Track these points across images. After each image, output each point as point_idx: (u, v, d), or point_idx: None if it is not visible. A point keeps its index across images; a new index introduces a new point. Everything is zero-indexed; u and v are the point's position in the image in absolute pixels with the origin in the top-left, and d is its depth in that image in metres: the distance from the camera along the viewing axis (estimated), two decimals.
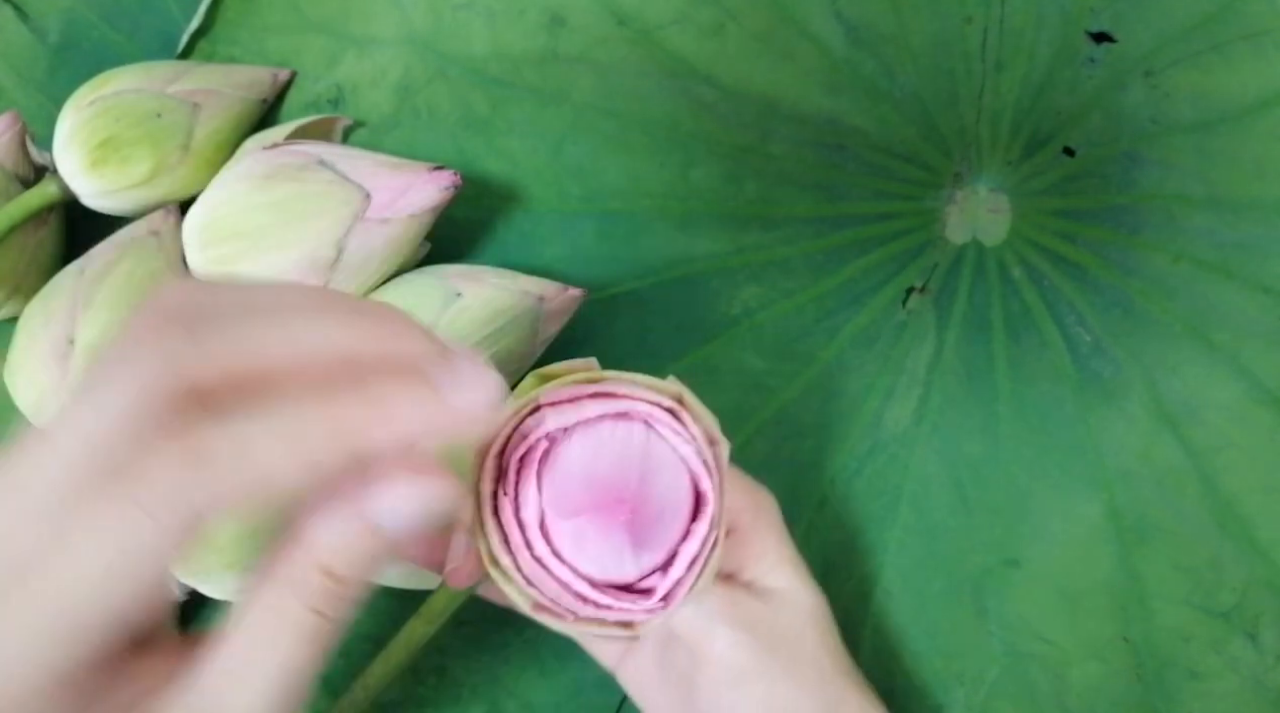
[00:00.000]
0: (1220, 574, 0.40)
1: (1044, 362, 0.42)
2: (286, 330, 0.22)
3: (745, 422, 0.42)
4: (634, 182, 0.43)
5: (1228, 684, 0.39)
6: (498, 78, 0.44)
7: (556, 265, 0.43)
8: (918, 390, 0.42)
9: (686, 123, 0.44)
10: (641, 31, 0.44)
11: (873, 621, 0.41)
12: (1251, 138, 0.42)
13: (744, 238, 0.43)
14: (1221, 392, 0.41)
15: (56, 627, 0.21)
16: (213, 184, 0.39)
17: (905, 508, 0.41)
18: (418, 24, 0.44)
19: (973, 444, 0.41)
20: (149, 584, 0.21)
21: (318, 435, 0.22)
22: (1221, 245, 0.42)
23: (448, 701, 0.40)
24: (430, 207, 0.39)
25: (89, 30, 0.45)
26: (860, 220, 0.43)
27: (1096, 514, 0.41)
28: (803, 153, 0.44)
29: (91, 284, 0.38)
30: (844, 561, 0.41)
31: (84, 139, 0.39)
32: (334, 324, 0.23)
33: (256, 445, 0.21)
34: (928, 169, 0.43)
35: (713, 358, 0.42)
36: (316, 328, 0.23)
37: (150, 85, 0.40)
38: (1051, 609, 0.40)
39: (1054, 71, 0.43)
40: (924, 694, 0.40)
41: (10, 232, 0.39)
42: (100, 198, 0.40)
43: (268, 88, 0.43)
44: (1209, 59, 0.43)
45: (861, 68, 0.44)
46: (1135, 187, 0.43)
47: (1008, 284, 0.42)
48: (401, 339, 0.24)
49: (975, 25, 0.44)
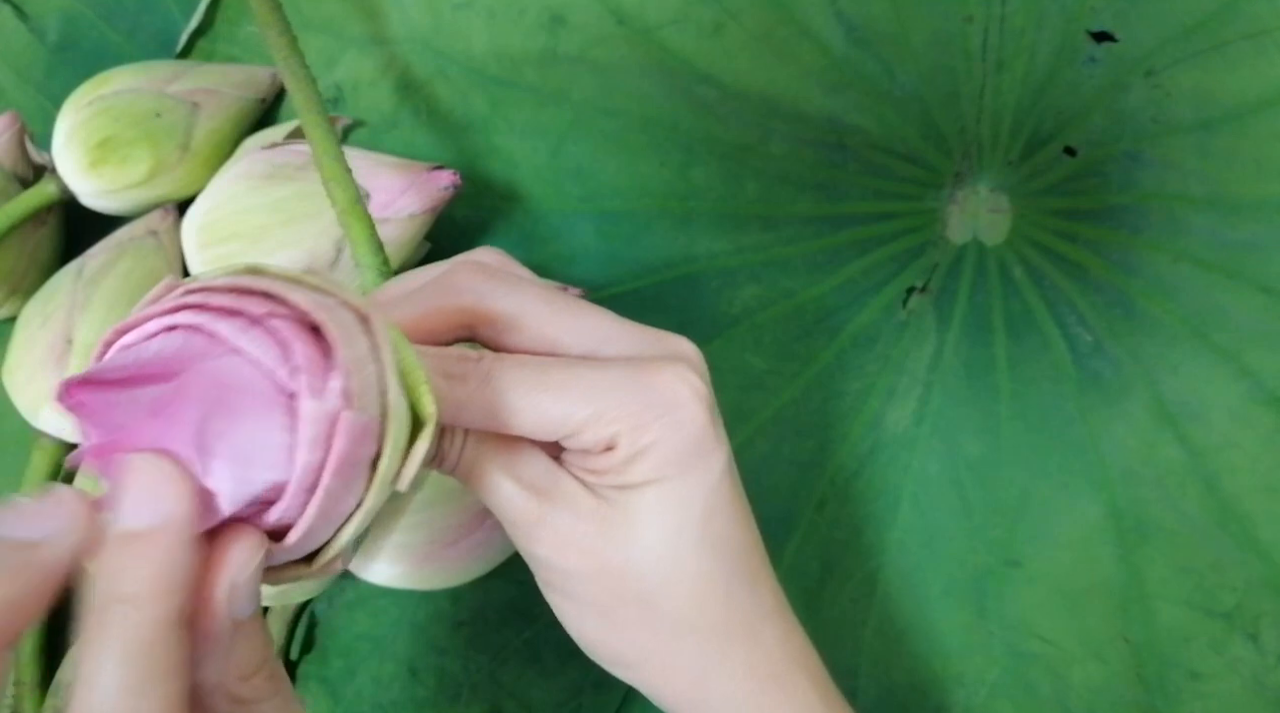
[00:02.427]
0: (1221, 575, 0.40)
1: (1045, 362, 0.42)
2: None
3: (745, 422, 0.42)
4: (634, 181, 0.43)
5: (1228, 685, 0.39)
6: (497, 77, 0.44)
7: (556, 265, 0.43)
8: (918, 391, 0.42)
9: (686, 123, 0.44)
10: (641, 31, 0.44)
11: (873, 621, 0.41)
12: (1253, 137, 0.42)
13: (744, 238, 0.43)
14: (1222, 392, 0.41)
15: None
16: (212, 184, 0.39)
17: (906, 508, 0.41)
18: (417, 24, 0.44)
19: (973, 444, 0.41)
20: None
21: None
22: (1223, 245, 0.42)
23: (447, 701, 0.40)
24: (430, 206, 0.39)
25: (88, 30, 0.45)
26: (860, 220, 0.43)
27: (1097, 514, 0.40)
28: (803, 153, 0.43)
29: (90, 284, 0.38)
30: (844, 561, 0.41)
31: (83, 139, 0.39)
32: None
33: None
34: (928, 169, 0.43)
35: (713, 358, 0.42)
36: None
37: (149, 85, 0.40)
38: (1052, 610, 0.40)
39: (1055, 71, 0.43)
40: (924, 695, 0.40)
41: (9, 231, 0.39)
42: (99, 198, 0.40)
43: (267, 87, 0.43)
44: (1210, 59, 0.43)
45: (862, 67, 0.44)
46: (1136, 186, 0.42)
47: (1008, 284, 0.42)
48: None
49: (976, 24, 0.44)
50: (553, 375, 0.26)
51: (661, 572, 0.27)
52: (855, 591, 0.41)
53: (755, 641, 0.28)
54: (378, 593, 0.41)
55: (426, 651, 0.40)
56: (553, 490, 0.27)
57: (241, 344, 0.22)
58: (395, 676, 0.40)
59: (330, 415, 0.22)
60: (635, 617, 0.28)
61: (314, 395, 0.21)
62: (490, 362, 0.26)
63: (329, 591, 0.40)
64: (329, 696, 0.40)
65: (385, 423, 0.23)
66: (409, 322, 0.27)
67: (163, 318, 0.22)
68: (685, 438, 0.27)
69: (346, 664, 0.40)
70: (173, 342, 0.22)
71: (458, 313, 0.27)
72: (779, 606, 0.29)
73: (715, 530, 0.28)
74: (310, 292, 0.23)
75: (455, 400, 0.26)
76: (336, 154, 0.35)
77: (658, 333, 0.29)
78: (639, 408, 0.26)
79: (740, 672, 0.28)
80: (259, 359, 0.22)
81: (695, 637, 0.28)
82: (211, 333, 0.22)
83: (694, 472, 0.27)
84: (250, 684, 0.23)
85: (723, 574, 0.28)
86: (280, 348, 0.22)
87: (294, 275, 0.23)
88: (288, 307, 0.22)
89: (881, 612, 0.41)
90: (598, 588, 0.28)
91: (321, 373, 0.22)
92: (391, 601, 0.41)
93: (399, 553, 0.37)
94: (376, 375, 0.23)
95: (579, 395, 0.26)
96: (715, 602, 0.28)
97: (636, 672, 0.29)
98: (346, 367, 0.22)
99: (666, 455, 0.27)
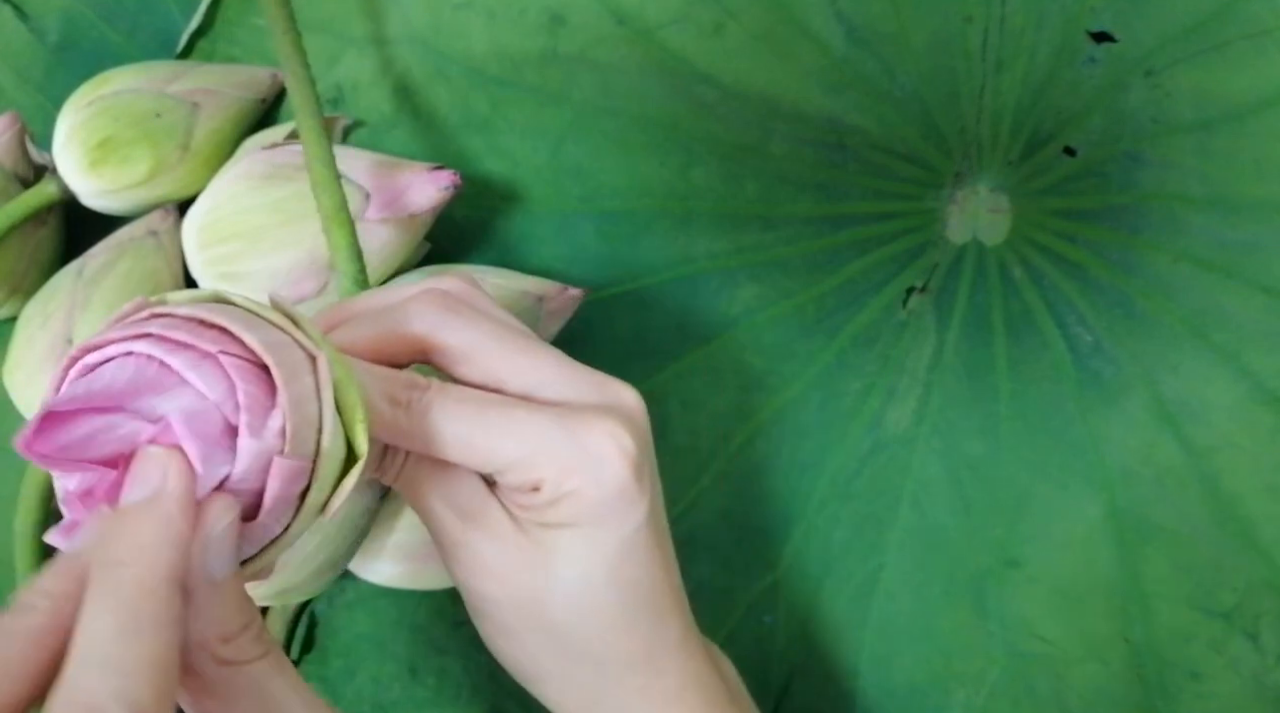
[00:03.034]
0: (1221, 575, 0.40)
1: (1044, 362, 0.42)
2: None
3: (745, 422, 0.42)
4: (634, 181, 0.43)
5: (1228, 685, 0.39)
6: (497, 77, 0.44)
7: (556, 265, 0.43)
8: (918, 391, 0.42)
9: (686, 123, 0.44)
10: (641, 31, 0.44)
11: (873, 621, 0.41)
12: (1252, 137, 0.42)
13: (744, 238, 0.43)
14: (1222, 392, 0.41)
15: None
16: (212, 184, 0.39)
17: (905, 508, 0.41)
18: (417, 24, 0.44)
19: (973, 444, 0.41)
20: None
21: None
22: (1222, 245, 0.42)
23: (447, 701, 0.40)
24: (430, 207, 0.39)
25: (88, 30, 0.45)
26: (860, 220, 0.43)
27: (1097, 515, 0.41)
28: (803, 153, 0.43)
29: (90, 284, 0.38)
30: (844, 561, 0.41)
31: (83, 139, 0.39)
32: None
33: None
34: (928, 169, 0.43)
35: (713, 358, 0.42)
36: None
37: (149, 85, 0.40)
38: (1052, 610, 0.40)
39: (1055, 71, 0.43)
40: (925, 695, 0.40)
41: (9, 231, 0.39)
42: (99, 198, 0.40)
43: (267, 88, 0.43)
44: (1210, 59, 0.43)
45: (862, 67, 0.44)
46: (1136, 186, 0.43)
47: (1008, 284, 0.42)
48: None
49: (976, 25, 0.44)
50: (488, 413, 0.28)
51: (568, 606, 0.29)
52: (855, 591, 0.41)
53: (654, 670, 0.30)
54: (378, 593, 0.41)
55: (427, 651, 0.40)
56: (479, 516, 0.29)
57: (191, 377, 0.23)
58: (395, 675, 0.40)
59: (266, 453, 0.23)
60: (539, 641, 0.30)
61: (252, 434, 0.23)
62: (434, 393, 0.28)
63: (329, 591, 0.40)
64: (329, 695, 0.40)
65: (318, 460, 0.24)
66: (368, 343, 0.28)
67: (122, 343, 0.24)
68: (605, 492, 0.28)
69: (346, 664, 0.40)
70: (126, 369, 0.23)
71: (414, 340, 0.29)
72: (683, 637, 0.31)
73: (626, 574, 0.29)
74: (265, 329, 0.25)
75: (396, 424, 0.28)
76: (327, 159, 0.35)
77: (602, 380, 0.30)
78: (564, 457, 0.28)
79: (634, 697, 0.30)
80: (205, 393, 0.23)
81: (594, 664, 0.30)
82: (164, 364, 0.23)
83: (611, 522, 0.29)
84: (234, 646, 0.24)
85: (627, 612, 0.29)
86: (227, 383, 0.23)
87: (256, 308, 0.25)
88: (240, 346, 0.24)
89: (881, 612, 0.41)
90: (508, 611, 0.30)
91: (263, 412, 0.23)
92: (391, 601, 0.41)
93: (399, 553, 0.37)
94: (316, 414, 0.24)
95: (510, 437, 0.28)
96: (617, 635, 0.30)
97: (537, 687, 0.31)
98: (287, 407, 0.24)
99: (586, 504, 0.28)
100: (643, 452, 0.29)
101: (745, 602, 0.41)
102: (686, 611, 0.32)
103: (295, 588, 0.34)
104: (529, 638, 0.30)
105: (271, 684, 0.25)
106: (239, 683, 0.24)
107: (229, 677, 0.24)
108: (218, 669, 0.24)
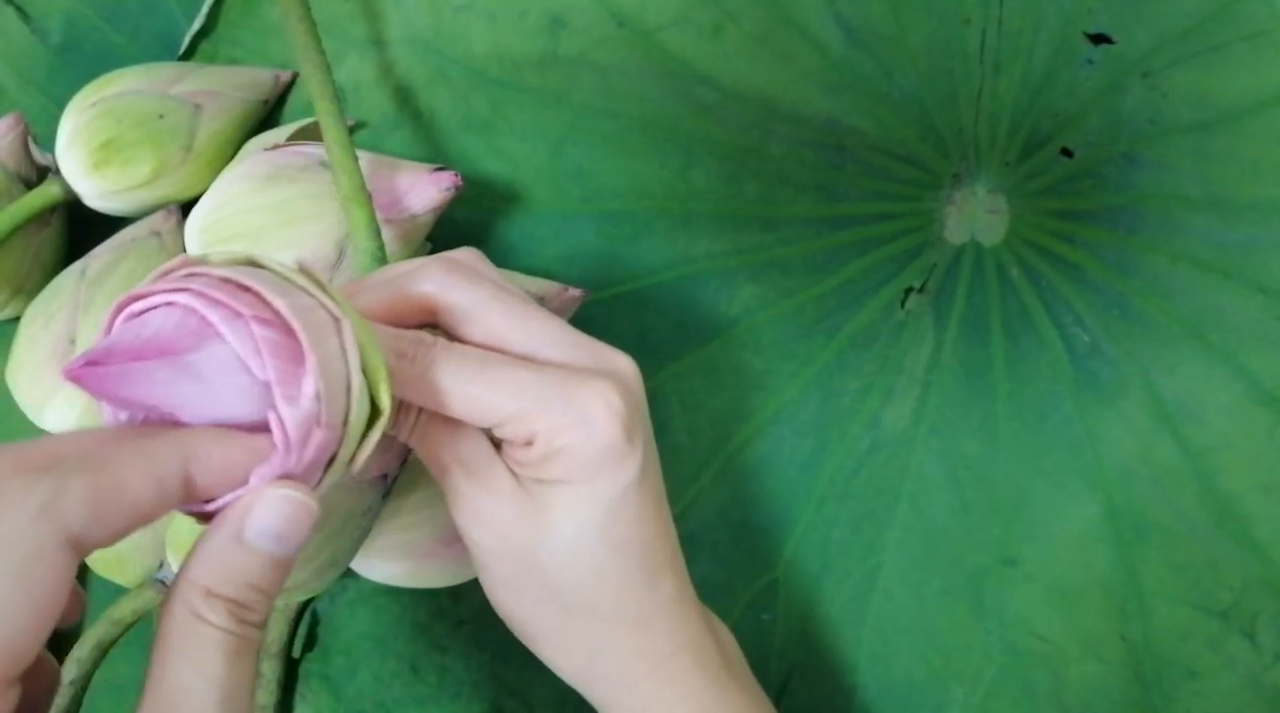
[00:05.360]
0: (1218, 573, 0.40)
1: (1042, 362, 0.42)
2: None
3: (745, 422, 0.42)
4: (634, 182, 0.44)
5: (1225, 683, 0.39)
6: (498, 79, 0.44)
7: (556, 265, 0.43)
8: (916, 391, 0.42)
9: (686, 123, 0.44)
10: (641, 33, 0.44)
11: (872, 619, 0.41)
12: (1249, 139, 0.42)
13: (744, 238, 0.43)
14: (1219, 392, 0.41)
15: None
16: (214, 185, 0.39)
17: (904, 508, 0.41)
18: (419, 25, 0.45)
19: (971, 444, 0.41)
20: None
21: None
22: (1219, 246, 0.42)
23: (448, 698, 0.40)
24: (431, 207, 0.39)
25: (91, 32, 0.45)
26: (859, 221, 0.43)
27: (1094, 514, 0.41)
28: (802, 153, 0.44)
29: (93, 285, 0.39)
30: (843, 559, 0.41)
31: (86, 140, 0.39)
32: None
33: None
34: (926, 170, 0.44)
35: (713, 358, 0.42)
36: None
37: (152, 87, 0.40)
38: (1050, 608, 0.40)
39: (1052, 73, 0.44)
40: (923, 693, 0.40)
41: (13, 232, 0.39)
42: (102, 199, 0.40)
43: (269, 89, 0.43)
44: (1207, 60, 0.43)
45: (860, 69, 0.44)
46: (1133, 187, 0.43)
47: (1006, 285, 0.43)
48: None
49: (974, 27, 0.44)
50: (488, 370, 0.29)
51: (561, 561, 0.30)
52: (854, 589, 0.41)
53: (646, 629, 0.31)
54: (379, 591, 0.41)
55: (428, 648, 0.41)
56: (482, 472, 0.30)
57: (225, 332, 0.25)
58: (397, 673, 0.41)
59: (308, 418, 0.25)
60: (537, 596, 0.31)
61: (289, 403, 0.25)
62: (439, 349, 0.29)
63: (331, 589, 0.41)
64: (331, 693, 0.40)
65: (348, 416, 0.26)
66: (380, 305, 0.30)
67: (165, 295, 0.25)
68: (595, 448, 0.29)
69: (348, 662, 0.41)
70: (171, 318, 0.25)
71: (422, 300, 0.30)
72: (678, 598, 0.32)
73: (618, 531, 0.30)
74: (294, 294, 0.26)
75: (403, 377, 0.29)
76: (345, 143, 0.36)
77: (599, 346, 0.31)
78: (557, 414, 0.29)
79: (628, 655, 0.31)
80: (238, 350, 0.25)
81: (588, 620, 0.31)
82: (203, 317, 0.25)
83: (602, 478, 0.30)
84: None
85: (619, 569, 0.30)
86: (254, 346, 0.25)
87: (285, 273, 0.27)
88: (270, 310, 0.25)
89: (880, 610, 0.41)
90: (507, 565, 0.31)
91: (293, 381, 0.25)
92: (393, 599, 0.41)
93: (400, 551, 0.37)
94: (345, 374, 0.26)
95: (507, 392, 0.29)
96: (609, 592, 0.31)
97: (537, 644, 0.32)
98: (316, 369, 0.25)
99: (577, 461, 0.29)
100: (633, 413, 0.30)
101: (744, 600, 0.41)
102: (683, 574, 0.32)
103: (298, 586, 0.34)
104: (526, 592, 0.31)
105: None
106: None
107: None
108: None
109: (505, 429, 0.30)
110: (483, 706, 0.40)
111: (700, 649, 0.32)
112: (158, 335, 0.25)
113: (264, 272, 0.27)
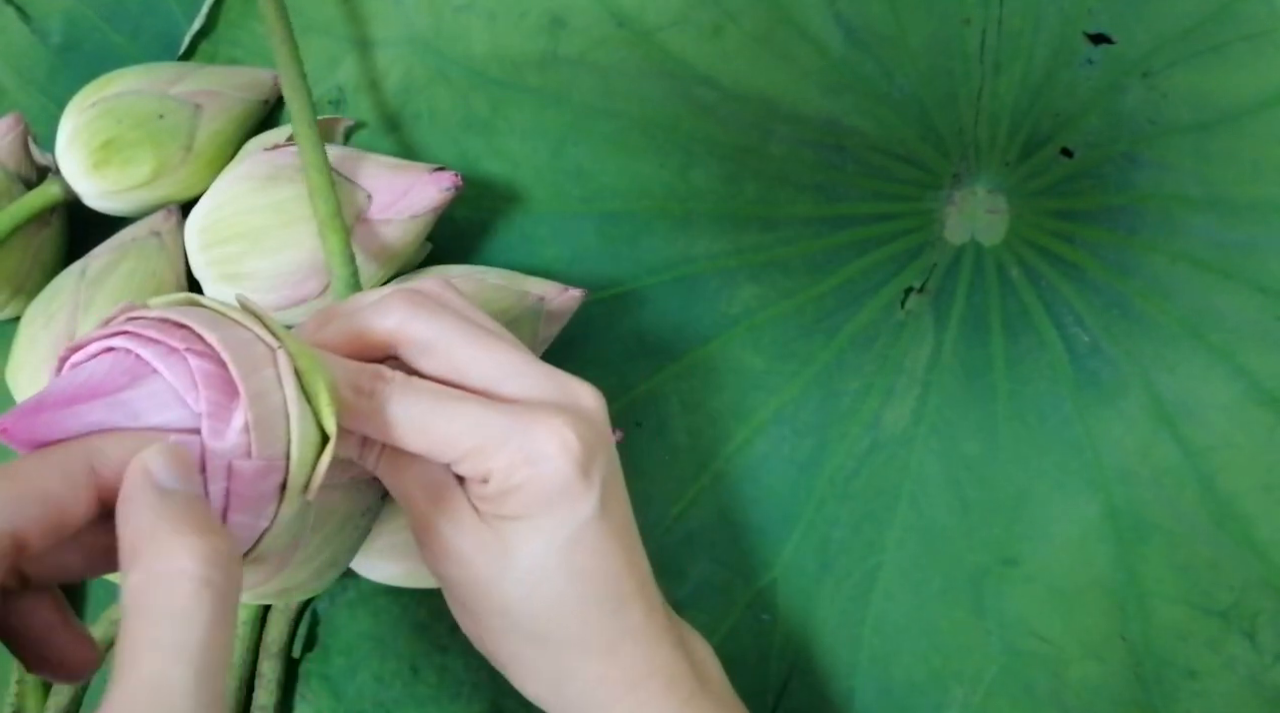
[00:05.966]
0: (1218, 573, 0.40)
1: (1042, 362, 0.42)
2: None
3: (744, 422, 0.42)
4: (634, 182, 0.44)
5: (1225, 683, 0.39)
6: (498, 79, 0.44)
7: (556, 266, 0.43)
8: (916, 390, 0.42)
9: (686, 123, 0.44)
10: (641, 33, 0.44)
11: (872, 619, 0.41)
12: (1249, 139, 0.42)
13: (743, 238, 0.43)
14: (1219, 392, 0.41)
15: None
16: (214, 185, 0.40)
17: (904, 508, 0.41)
18: (418, 25, 0.45)
19: (971, 444, 0.41)
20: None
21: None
22: (1219, 246, 0.42)
23: (448, 698, 0.40)
24: (431, 208, 0.39)
25: (91, 32, 0.45)
26: (859, 221, 0.43)
27: (1094, 514, 0.41)
28: (802, 153, 0.44)
29: (93, 285, 0.39)
30: (843, 559, 0.41)
31: (86, 140, 0.39)
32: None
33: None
34: (926, 170, 0.44)
35: (713, 358, 0.42)
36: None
37: (152, 87, 0.40)
38: (1050, 608, 0.40)
39: (1052, 73, 0.44)
40: (923, 693, 0.40)
41: (13, 232, 0.39)
42: (102, 199, 0.40)
43: (269, 89, 0.43)
44: (1207, 60, 0.43)
45: (860, 69, 0.44)
46: (1133, 187, 0.43)
47: (1006, 285, 0.43)
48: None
49: (974, 27, 0.44)
50: (442, 406, 0.30)
51: (522, 592, 0.30)
52: (854, 589, 0.41)
53: (612, 656, 0.31)
54: (379, 591, 0.41)
55: (428, 648, 0.41)
56: (445, 504, 0.31)
57: (160, 367, 0.25)
58: (397, 673, 0.41)
59: (228, 453, 0.25)
60: (501, 625, 0.31)
61: (215, 436, 0.25)
62: (395, 385, 0.30)
63: (331, 589, 0.41)
64: (331, 693, 0.40)
65: (289, 445, 0.26)
66: (343, 338, 0.30)
67: (104, 340, 0.26)
68: (548, 487, 0.30)
69: (348, 662, 0.41)
70: (105, 362, 0.26)
71: (382, 334, 0.30)
72: (646, 625, 0.32)
73: (578, 563, 0.30)
74: (228, 328, 0.26)
75: (360, 413, 0.29)
76: (322, 167, 0.36)
77: (563, 377, 0.31)
78: (511, 450, 0.29)
79: (593, 682, 0.31)
80: (173, 383, 0.25)
81: (553, 649, 0.31)
82: (138, 356, 0.26)
83: (558, 514, 0.30)
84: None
85: (579, 599, 0.31)
86: (190, 379, 0.25)
87: (221, 309, 0.27)
88: (202, 343, 0.26)
89: (880, 610, 0.41)
90: (469, 594, 0.31)
91: (223, 414, 0.25)
92: (393, 599, 0.41)
93: (400, 551, 0.37)
94: (281, 402, 0.26)
95: (462, 429, 0.29)
96: (570, 622, 0.31)
97: (507, 671, 0.33)
98: (246, 399, 0.25)
99: (532, 498, 0.30)
100: (591, 448, 0.30)
101: (744, 600, 0.41)
102: (653, 600, 0.32)
103: (297, 587, 0.34)
104: (490, 621, 0.31)
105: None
106: None
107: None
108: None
109: (462, 465, 0.30)
110: (483, 706, 0.40)
111: (671, 675, 0.32)
112: (91, 378, 0.25)
113: (200, 310, 0.27)
